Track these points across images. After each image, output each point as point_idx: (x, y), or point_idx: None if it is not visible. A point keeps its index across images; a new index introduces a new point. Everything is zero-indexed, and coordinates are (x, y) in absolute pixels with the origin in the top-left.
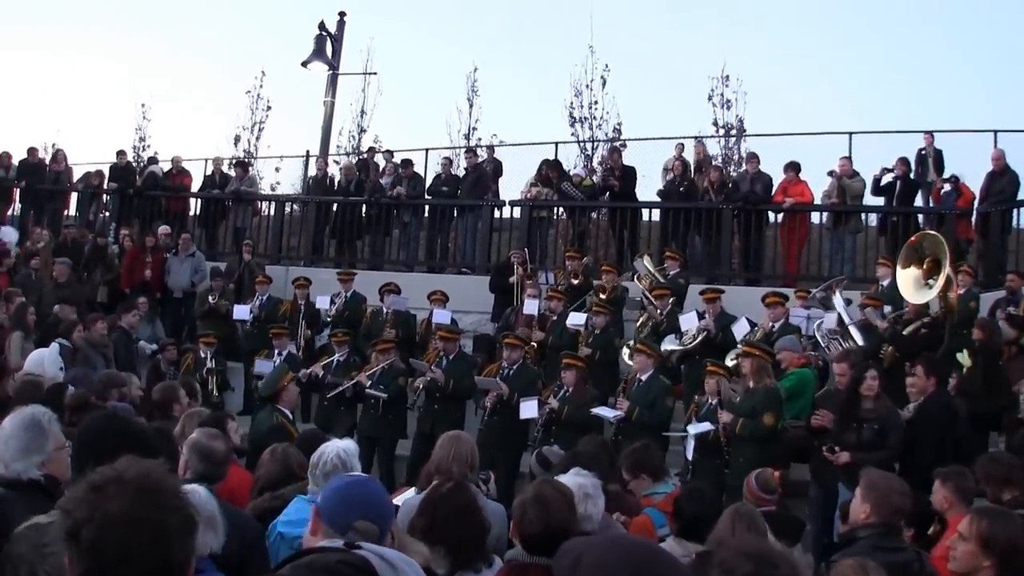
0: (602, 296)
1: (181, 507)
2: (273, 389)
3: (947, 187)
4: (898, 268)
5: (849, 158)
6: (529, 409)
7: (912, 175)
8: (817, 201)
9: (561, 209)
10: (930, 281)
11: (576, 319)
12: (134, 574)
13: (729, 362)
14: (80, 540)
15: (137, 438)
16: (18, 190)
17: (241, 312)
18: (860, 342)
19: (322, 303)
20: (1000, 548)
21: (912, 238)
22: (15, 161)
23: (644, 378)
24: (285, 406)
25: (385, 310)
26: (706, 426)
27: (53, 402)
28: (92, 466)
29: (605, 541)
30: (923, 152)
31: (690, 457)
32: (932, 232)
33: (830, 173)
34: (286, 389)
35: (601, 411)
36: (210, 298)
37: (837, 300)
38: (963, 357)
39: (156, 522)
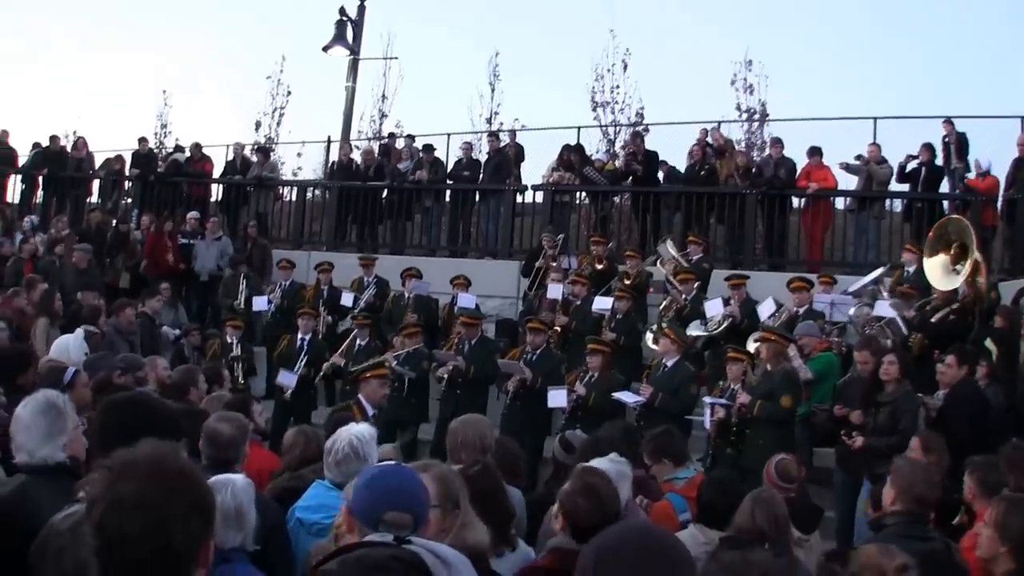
0: (626, 282)
1: (189, 491)
2: (363, 369)
3: (973, 173)
4: (925, 256)
5: (876, 144)
6: (558, 398)
7: (939, 161)
8: (842, 186)
9: (583, 194)
10: (957, 267)
11: (602, 303)
12: (136, 555)
13: (750, 347)
14: (91, 518)
15: (159, 420)
16: (41, 178)
17: (260, 303)
18: (905, 332)
19: (346, 299)
20: (1014, 535)
21: (937, 224)
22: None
23: (669, 364)
24: (365, 398)
25: (407, 295)
26: (723, 401)
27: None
28: (115, 448)
29: (614, 533)
30: (946, 139)
31: (707, 425)
32: (956, 216)
33: (858, 157)
34: (367, 381)
35: (623, 396)
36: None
37: (884, 292)
38: (991, 344)
39: (158, 506)
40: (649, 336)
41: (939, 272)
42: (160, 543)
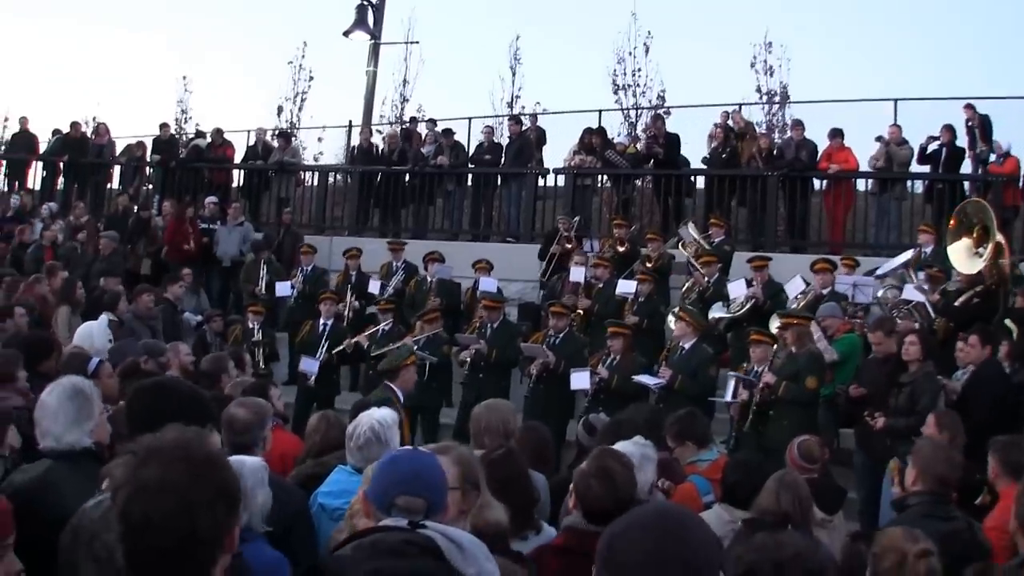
0: (648, 265)
1: (214, 477)
2: (394, 365)
3: (994, 156)
4: (949, 243)
5: (897, 125)
6: (581, 380)
7: (964, 143)
8: (863, 168)
9: (605, 177)
10: (980, 250)
11: (626, 287)
12: (161, 539)
13: (773, 328)
14: (116, 503)
15: (188, 405)
16: (61, 164)
17: (283, 289)
18: (932, 315)
19: (373, 287)
20: None
21: (956, 209)
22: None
23: (687, 346)
24: (399, 386)
25: (429, 279)
26: (748, 378)
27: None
28: (144, 433)
29: (632, 516)
30: (969, 124)
31: (728, 398)
32: (975, 199)
33: (878, 138)
34: (406, 369)
35: (643, 379)
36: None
37: (913, 275)
38: (1010, 324)
39: (182, 492)
40: (671, 319)
41: (963, 256)
42: (185, 529)
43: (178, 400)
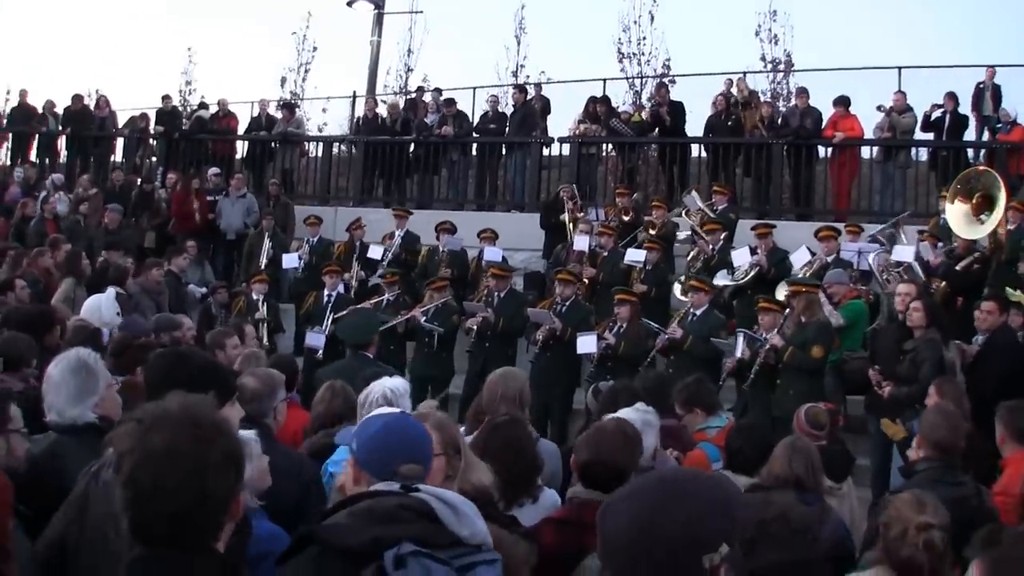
0: (652, 232)
1: (221, 441)
2: (366, 339)
3: (1000, 124)
4: (946, 203)
5: (902, 92)
6: (587, 344)
7: (969, 109)
8: (868, 135)
9: (610, 145)
10: (982, 216)
11: (634, 255)
12: (171, 505)
13: (780, 296)
14: (122, 471)
15: (206, 374)
16: (64, 138)
17: (290, 260)
18: (922, 278)
19: (374, 252)
20: None
21: (966, 172)
22: (59, 109)
23: (698, 313)
24: (371, 355)
25: (441, 249)
26: (755, 336)
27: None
28: None
29: (633, 484)
30: (981, 85)
31: (739, 354)
32: (988, 169)
33: (879, 108)
34: (374, 341)
35: (652, 325)
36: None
37: (904, 236)
38: (1014, 293)
39: (193, 456)
40: (677, 287)
41: (962, 220)
42: (196, 493)
43: (197, 370)
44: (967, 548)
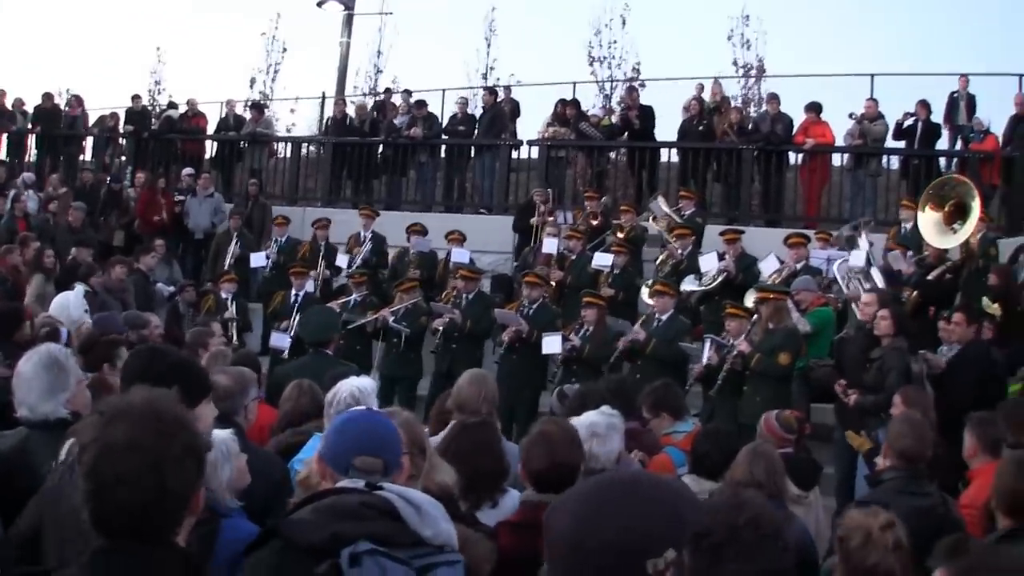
0: (620, 235)
1: (182, 435)
2: (327, 337)
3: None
4: (919, 211)
5: (873, 99)
6: (552, 344)
7: (941, 117)
8: (839, 143)
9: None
10: (954, 226)
11: (602, 259)
12: (131, 497)
13: (748, 302)
14: (83, 463)
15: (181, 372)
16: (34, 136)
17: (258, 260)
18: (880, 284)
19: (341, 260)
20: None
21: (940, 179)
22: (29, 108)
23: (664, 318)
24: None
25: (411, 250)
26: (722, 340)
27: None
28: None
29: (578, 485)
30: (955, 95)
31: (706, 360)
32: (962, 178)
33: (851, 115)
34: (335, 340)
35: (619, 325)
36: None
37: (863, 240)
38: (990, 305)
39: (151, 449)
40: (645, 291)
41: (933, 229)
42: (155, 486)
43: (172, 367)
44: (930, 558)
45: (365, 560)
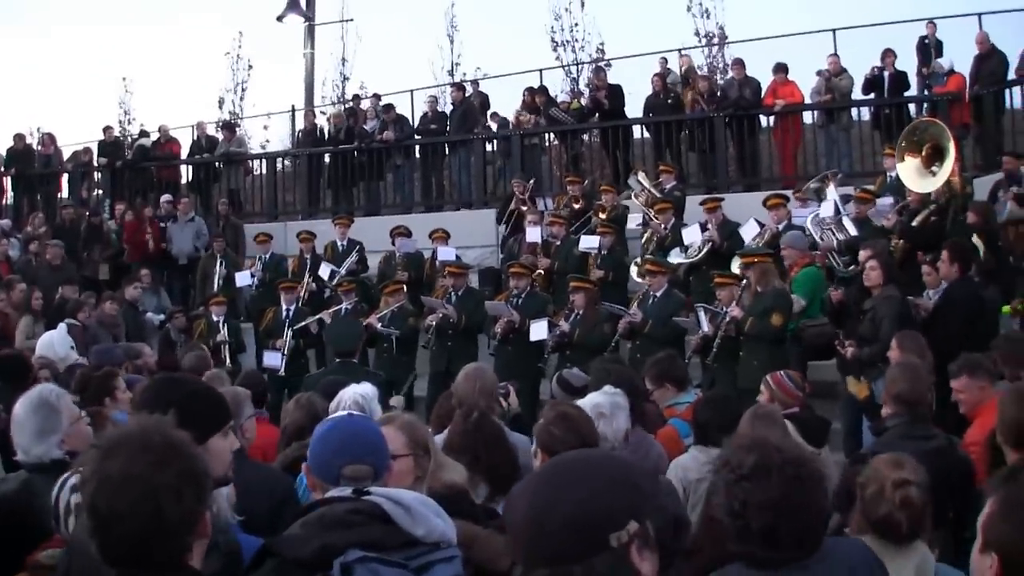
0: (602, 216)
1: (177, 463)
2: (352, 346)
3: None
4: (897, 160)
5: (836, 55)
6: (539, 330)
7: (914, 67)
8: (808, 101)
9: (552, 135)
10: (933, 168)
11: (589, 242)
12: (130, 530)
13: (735, 269)
14: (83, 497)
15: (198, 402)
16: (9, 178)
17: (243, 278)
18: (853, 233)
19: (324, 271)
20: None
21: (912, 125)
22: (1, 150)
23: (658, 294)
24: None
25: (397, 253)
26: (715, 308)
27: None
28: None
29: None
30: (926, 40)
31: (705, 329)
32: (933, 120)
33: (819, 73)
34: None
35: (613, 308)
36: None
37: (831, 191)
38: (976, 240)
39: (145, 480)
40: (634, 269)
41: (914, 175)
42: (151, 517)
43: (188, 396)
44: (987, 483)
45: (357, 568)
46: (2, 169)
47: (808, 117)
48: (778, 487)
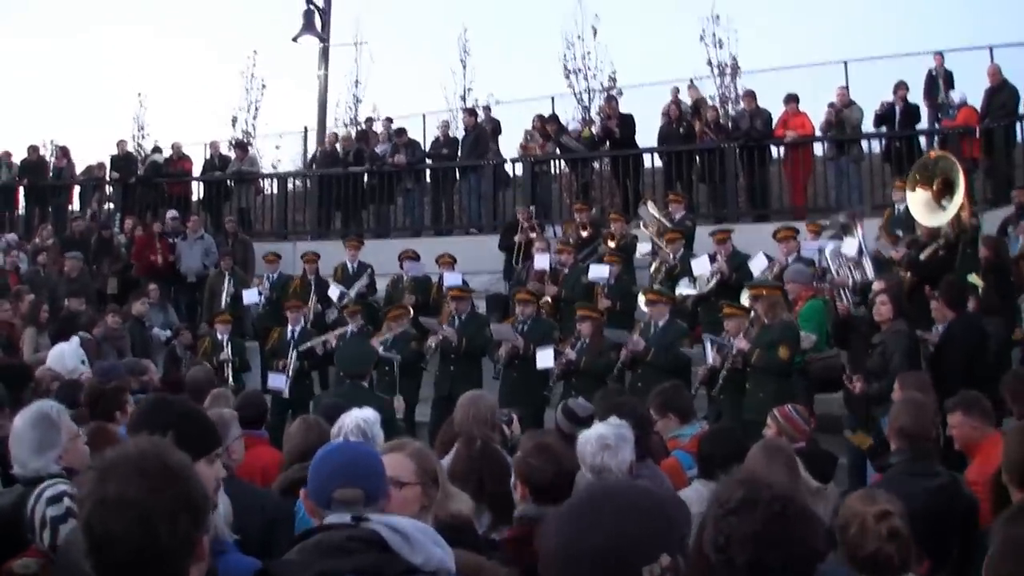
0: (611, 244)
1: (174, 488)
2: (363, 369)
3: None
4: (908, 191)
5: (846, 87)
6: (545, 358)
7: (921, 98)
8: (818, 133)
9: (563, 162)
10: (943, 202)
11: (599, 272)
12: (125, 553)
13: (744, 301)
14: (79, 518)
15: (188, 424)
16: (22, 188)
17: (250, 296)
18: (871, 275)
19: (333, 292)
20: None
21: (923, 159)
22: (16, 160)
23: (660, 323)
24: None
25: (405, 276)
26: (722, 340)
27: (69, 398)
28: None
29: (573, 496)
30: (933, 73)
31: (710, 361)
32: (944, 154)
33: (831, 106)
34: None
35: (616, 335)
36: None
37: (859, 230)
38: (974, 278)
39: (140, 504)
40: (642, 299)
41: (923, 208)
42: (146, 541)
43: (177, 418)
44: (993, 524)
45: None
46: (15, 179)
47: (819, 149)
48: (761, 521)
